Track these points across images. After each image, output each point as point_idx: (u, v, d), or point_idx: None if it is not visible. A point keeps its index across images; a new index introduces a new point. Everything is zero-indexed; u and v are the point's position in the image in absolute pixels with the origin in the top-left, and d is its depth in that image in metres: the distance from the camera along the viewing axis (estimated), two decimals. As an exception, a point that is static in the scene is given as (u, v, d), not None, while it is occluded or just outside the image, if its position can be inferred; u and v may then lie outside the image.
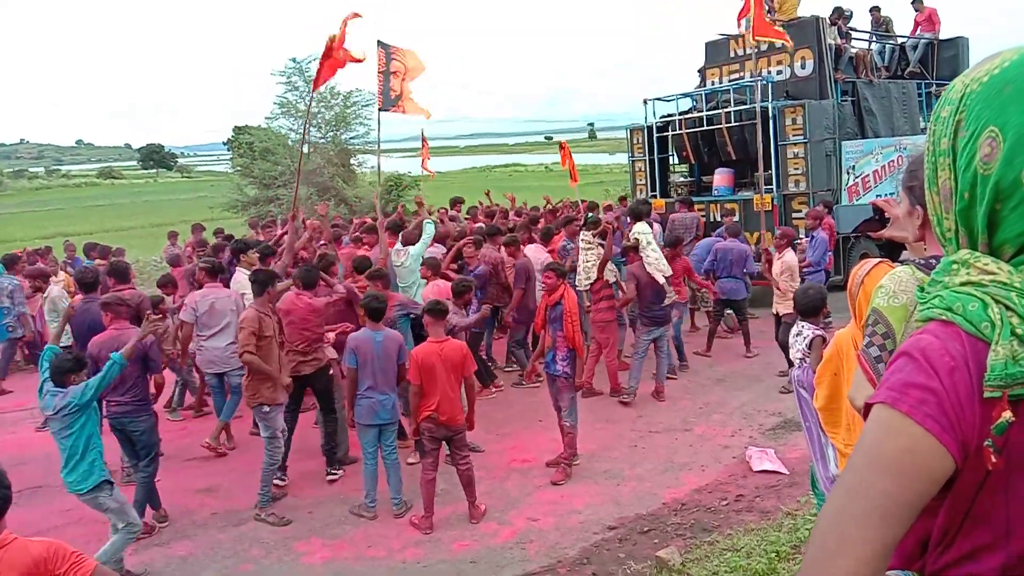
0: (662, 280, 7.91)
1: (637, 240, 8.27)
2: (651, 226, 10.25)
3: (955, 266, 1.03)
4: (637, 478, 6.38)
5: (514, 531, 5.60)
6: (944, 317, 1.00)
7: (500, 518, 5.81)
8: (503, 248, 9.19)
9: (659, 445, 7.05)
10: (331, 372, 6.97)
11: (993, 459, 0.93)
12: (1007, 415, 0.92)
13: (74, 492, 4.97)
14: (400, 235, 8.64)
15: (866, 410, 1.00)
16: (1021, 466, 0.94)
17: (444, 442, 5.72)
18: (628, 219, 10.60)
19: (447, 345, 5.63)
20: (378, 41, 9.51)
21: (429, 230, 8.46)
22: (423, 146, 14.18)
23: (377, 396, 5.84)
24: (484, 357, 9.14)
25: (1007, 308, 0.95)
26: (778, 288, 8.52)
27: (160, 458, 7.27)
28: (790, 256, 8.57)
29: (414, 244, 8.44)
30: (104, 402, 5.78)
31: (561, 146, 14.99)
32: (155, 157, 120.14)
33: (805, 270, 9.74)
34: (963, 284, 1.01)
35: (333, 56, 8.25)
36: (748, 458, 6.50)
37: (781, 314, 8.44)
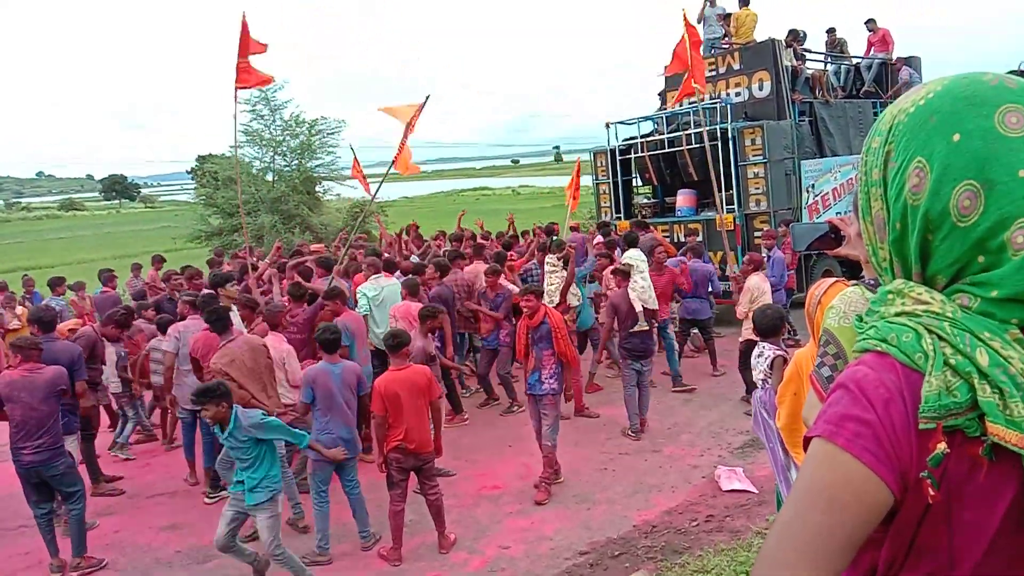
0: (639, 308, 7.68)
1: (628, 265, 8.21)
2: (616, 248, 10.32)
3: (890, 296, 1.03)
4: (607, 501, 6.35)
5: (485, 560, 5.54)
6: (879, 348, 0.99)
7: (470, 547, 5.74)
8: (485, 278, 9.16)
9: (628, 467, 7.04)
10: None
11: (931, 492, 0.92)
12: (942, 447, 0.91)
13: None
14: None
15: (805, 443, 1.00)
16: (961, 497, 0.93)
17: (413, 472, 5.64)
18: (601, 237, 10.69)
19: (410, 371, 5.56)
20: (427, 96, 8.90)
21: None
22: (354, 167, 12.88)
23: (339, 432, 5.72)
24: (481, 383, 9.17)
25: (940, 338, 0.95)
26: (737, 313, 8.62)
27: (122, 495, 7.15)
28: (751, 280, 8.62)
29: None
30: (14, 451, 5.57)
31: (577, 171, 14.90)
32: (118, 188, 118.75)
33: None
34: (897, 314, 1.01)
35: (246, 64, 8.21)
36: (717, 477, 6.51)
37: (742, 339, 8.52)
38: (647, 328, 7.64)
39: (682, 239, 12.17)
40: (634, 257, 8.49)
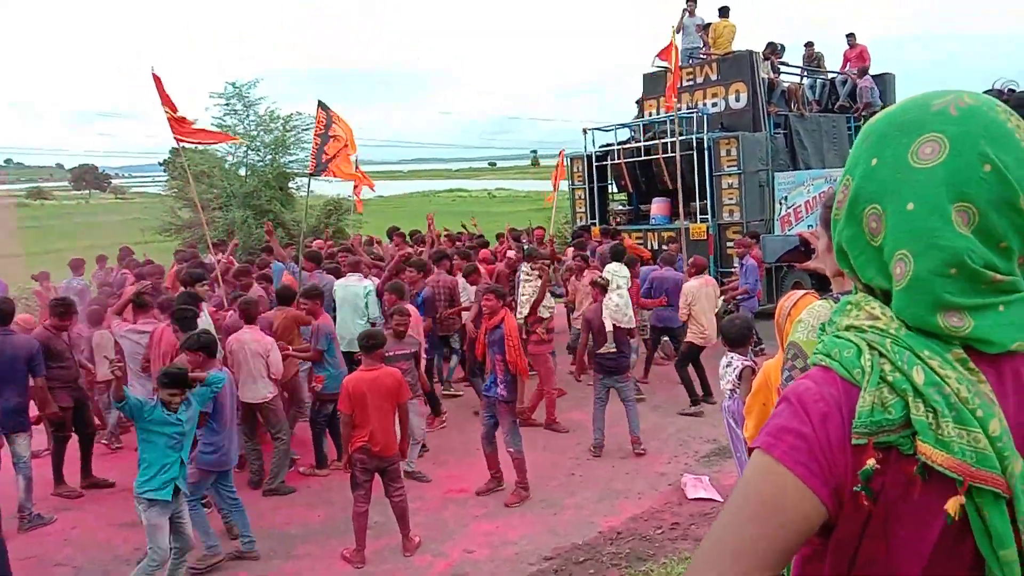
0: (609, 327, 7.49)
1: (607, 280, 7.98)
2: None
3: (848, 307, 1.05)
4: (574, 507, 6.35)
5: (449, 563, 5.51)
6: (824, 363, 1.00)
7: (435, 550, 5.71)
8: (463, 277, 9.14)
9: (596, 473, 7.05)
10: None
11: (866, 503, 0.93)
12: (871, 462, 0.92)
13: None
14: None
15: (749, 452, 1.01)
16: (897, 514, 0.93)
17: (377, 474, 5.59)
18: (564, 245, 10.66)
19: (380, 373, 5.53)
20: (319, 102, 9.16)
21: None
22: (356, 171, 13.50)
23: (227, 442, 5.59)
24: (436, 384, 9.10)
25: (881, 355, 0.96)
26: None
27: (80, 497, 6.96)
28: (688, 284, 8.90)
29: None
30: None
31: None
32: (87, 178, 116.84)
33: (739, 297, 9.99)
34: (847, 328, 1.02)
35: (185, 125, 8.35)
36: (683, 485, 6.53)
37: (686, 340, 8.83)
38: (613, 350, 7.48)
39: (655, 247, 12.25)
40: (613, 271, 8.22)
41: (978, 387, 0.92)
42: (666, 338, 10.13)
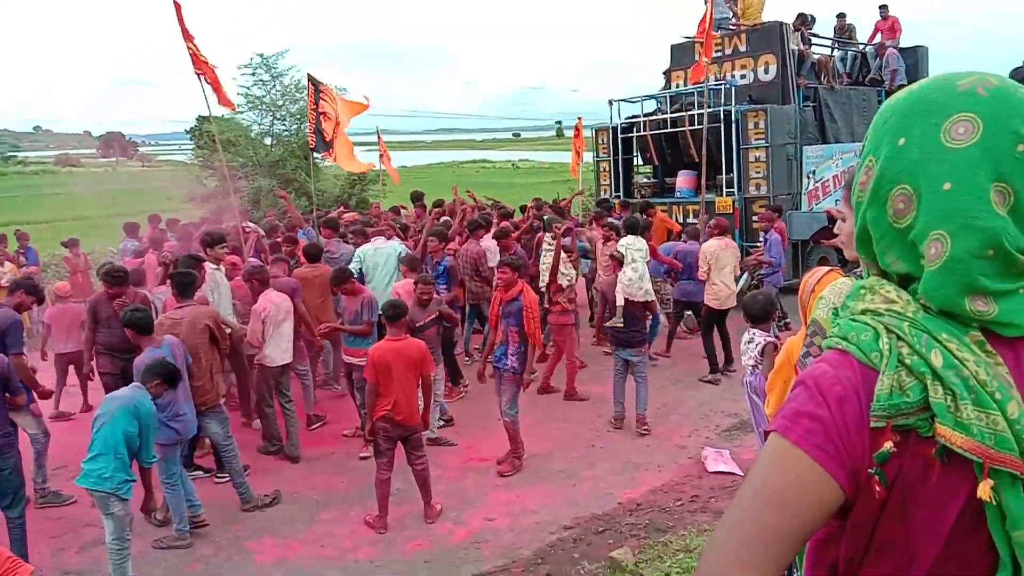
0: (620, 301, 7.39)
1: (622, 254, 7.87)
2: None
3: (863, 291, 1.05)
4: (594, 478, 6.40)
5: (469, 531, 5.59)
6: (840, 346, 1.01)
7: (456, 518, 5.79)
8: (498, 241, 9.17)
9: (616, 444, 7.08)
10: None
11: (878, 488, 0.93)
12: (888, 445, 0.92)
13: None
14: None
15: (765, 436, 1.01)
16: (915, 496, 0.94)
17: (400, 442, 5.66)
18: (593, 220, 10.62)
19: (405, 343, 5.58)
20: (308, 75, 9.24)
21: None
22: (379, 144, 13.85)
23: (187, 410, 5.53)
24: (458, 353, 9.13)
25: (898, 338, 0.96)
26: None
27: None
28: (707, 245, 8.87)
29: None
30: None
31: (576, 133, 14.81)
32: (115, 145, 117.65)
33: (764, 272, 9.92)
34: (863, 312, 1.02)
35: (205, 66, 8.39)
36: (703, 459, 6.55)
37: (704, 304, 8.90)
38: (619, 324, 7.45)
39: (680, 220, 12.19)
40: (627, 244, 8.06)
41: (996, 370, 0.92)
42: (689, 312, 10.10)
